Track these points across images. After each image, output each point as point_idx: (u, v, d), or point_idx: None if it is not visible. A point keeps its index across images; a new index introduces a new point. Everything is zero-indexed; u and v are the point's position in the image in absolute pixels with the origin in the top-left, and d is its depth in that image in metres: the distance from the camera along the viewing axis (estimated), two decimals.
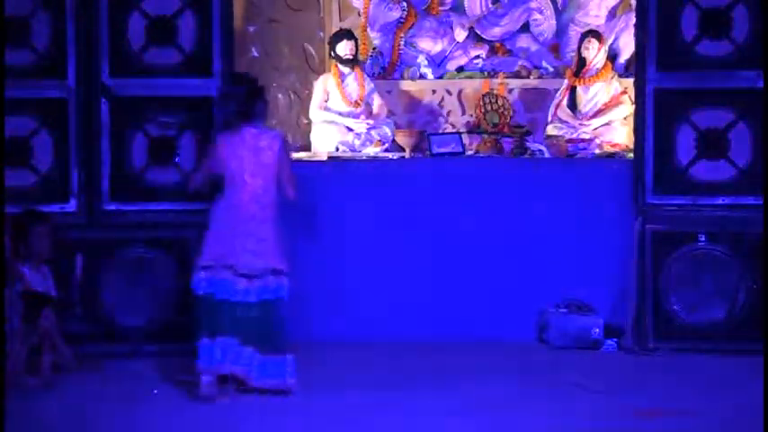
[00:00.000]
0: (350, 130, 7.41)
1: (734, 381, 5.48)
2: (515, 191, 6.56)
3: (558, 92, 7.63)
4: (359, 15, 8.10)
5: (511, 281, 6.49)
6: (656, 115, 6.19)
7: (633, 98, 6.75)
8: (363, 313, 6.48)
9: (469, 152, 7.30)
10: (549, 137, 7.41)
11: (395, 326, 6.47)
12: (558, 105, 7.56)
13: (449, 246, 6.51)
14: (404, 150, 7.23)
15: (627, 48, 7.71)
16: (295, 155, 7.08)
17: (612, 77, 7.53)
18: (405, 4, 8.05)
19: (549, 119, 7.59)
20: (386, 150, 7.27)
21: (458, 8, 8.19)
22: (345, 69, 7.53)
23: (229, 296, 5.23)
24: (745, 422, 4.65)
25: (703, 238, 6.15)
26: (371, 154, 7.16)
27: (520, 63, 8.00)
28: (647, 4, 6.17)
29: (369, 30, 8.07)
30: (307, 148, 7.44)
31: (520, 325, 6.46)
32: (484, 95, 7.74)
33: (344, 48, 7.50)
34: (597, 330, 6.29)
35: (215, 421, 4.87)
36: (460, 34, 8.04)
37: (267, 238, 5.29)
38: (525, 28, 8.13)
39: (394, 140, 7.40)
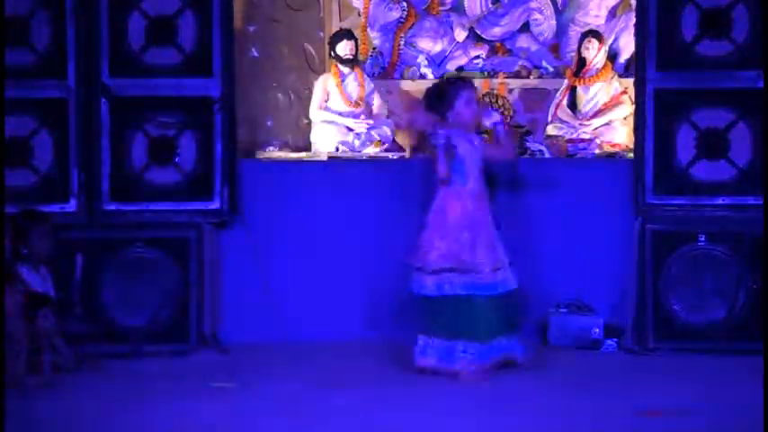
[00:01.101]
0: (350, 130, 7.41)
1: (734, 381, 5.47)
2: (515, 191, 6.55)
3: (558, 92, 7.63)
4: (359, 15, 8.10)
5: None
6: (656, 115, 6.18)
7: (633, 98, 6.75)
8: (364, 312, 6.48)
9: None
10: (549, 137, 7.41)
11: (394, 325, 6.47)
12: (558, 105, 7.56)
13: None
14: (404, 150, 7.23)
15: (627, 48, 7.71)
16: (295, 155, 7.11)
17: (612, 77, 7.53)
18: (405, 4, 8.05)
19: (549, 119, 7.59)
20: (386, 150, 7.27)
21: (458, 8, 8.18)
22: (345, 69, 7.53)
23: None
24: (745, 422, 4.65)
25: (703, 238, 6.14)
26: (371, 154, 7.16)
27: (520, 63, 8.00)
28: (647, 4, 6.17)
29: (369, 30, 8.07)
30: (307, 148, 7.44)
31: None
32: (484, 95, 7.74)
33: (344, 48, 7.50)
34: (597, 330, 6.28)
35: (215, 421, 4.87)
36: (460, 34, 8.04)
37: None
38: (525, 28, 8.13)
39: (394, 140, 7.40)
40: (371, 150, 7.25)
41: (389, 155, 7.10)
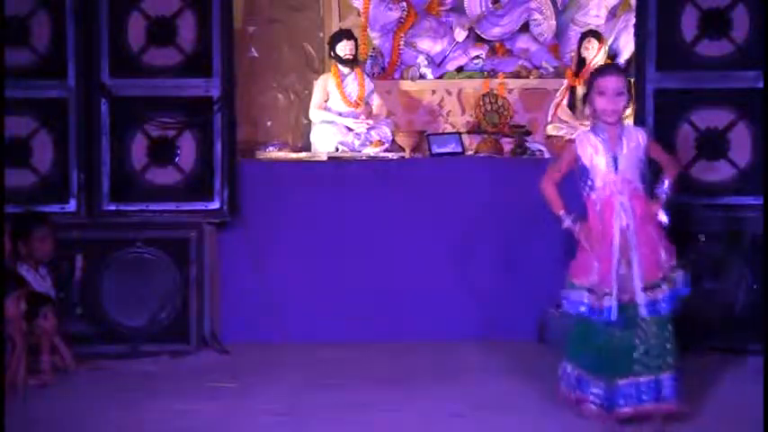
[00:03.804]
0: (350, 130, 7.41)
1: (734, 381, 5.47)
2: (515, 191, 6.55)
3: (558, 92, 7.63)
4: (359, 15, 8.11)
5: (511, 280, 6.49)
6: (656, 115, 6.19)
7: (633, 98, 6.75)
8: (364, 312, 6.48)
9: (469, 152, 7.30)
10: (549, 137, 7.41)
11: (394, 325, 6.47)
12: (557, 105, 7.57)
13: (449, 245, 6.51)
14: (404, 150, 7.24)
15: (627, 48, 7.71)
16: (295, 155, 7.12)
17: None
18: (405, 4, 8.05)
19: (549, 119, 7.59)
20: (386, 150, 7.28)
21: (458, 8, 8.19)
22: (345, 69, 7.53)
23: None
24: (745, 422, 4.65)
25: (703, 238, 6.14)
26: (371, 154, 7.16)
27: (520, 63, 8.00)
28: (647, 4, 6.17)
29: (369, 30, 8.07)
30: (307, 148, 7.44)
31: (520, 325, 6.46)
32: (484, 95, 7.75)
33: (344, 48, 7.50)
34: None
35: (215, 421, 4.87)
36: (460, 34, 8.04)
37: None
38: (525, 28, 8.14)
39: (394, 140, 7.41)
40: (371, 150, 7.25)
41: (389, 155, 7.11)
